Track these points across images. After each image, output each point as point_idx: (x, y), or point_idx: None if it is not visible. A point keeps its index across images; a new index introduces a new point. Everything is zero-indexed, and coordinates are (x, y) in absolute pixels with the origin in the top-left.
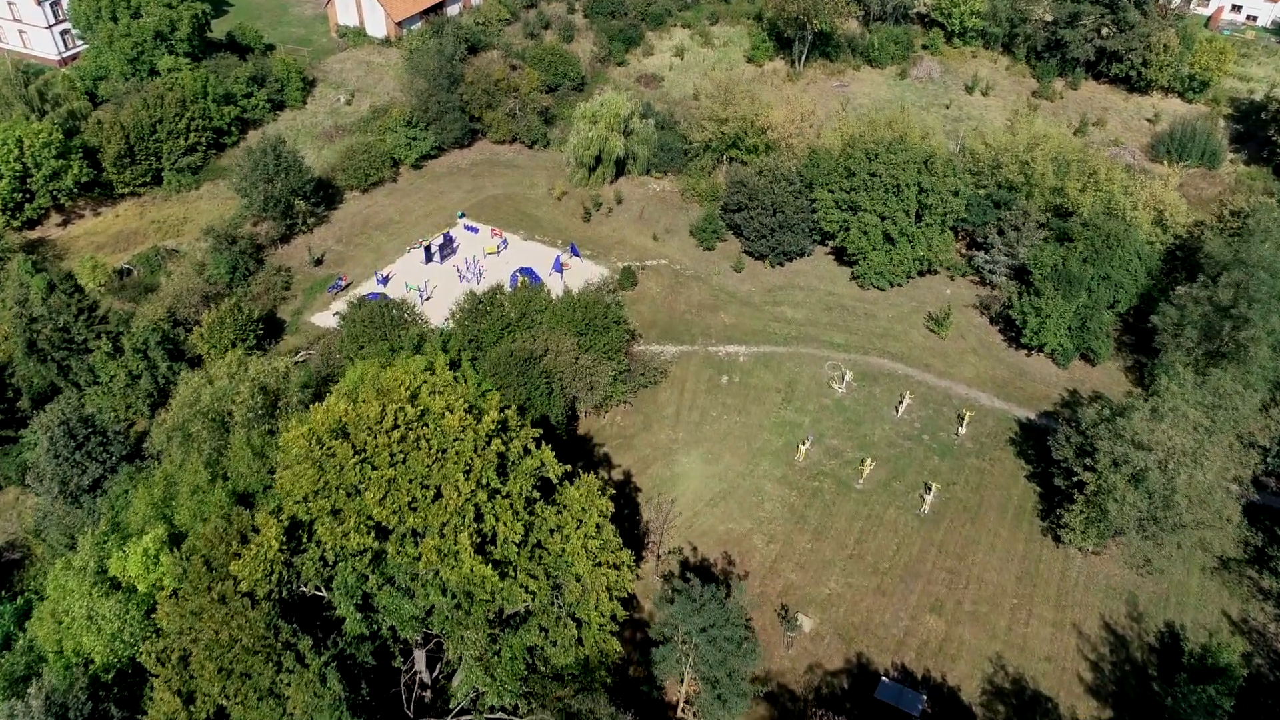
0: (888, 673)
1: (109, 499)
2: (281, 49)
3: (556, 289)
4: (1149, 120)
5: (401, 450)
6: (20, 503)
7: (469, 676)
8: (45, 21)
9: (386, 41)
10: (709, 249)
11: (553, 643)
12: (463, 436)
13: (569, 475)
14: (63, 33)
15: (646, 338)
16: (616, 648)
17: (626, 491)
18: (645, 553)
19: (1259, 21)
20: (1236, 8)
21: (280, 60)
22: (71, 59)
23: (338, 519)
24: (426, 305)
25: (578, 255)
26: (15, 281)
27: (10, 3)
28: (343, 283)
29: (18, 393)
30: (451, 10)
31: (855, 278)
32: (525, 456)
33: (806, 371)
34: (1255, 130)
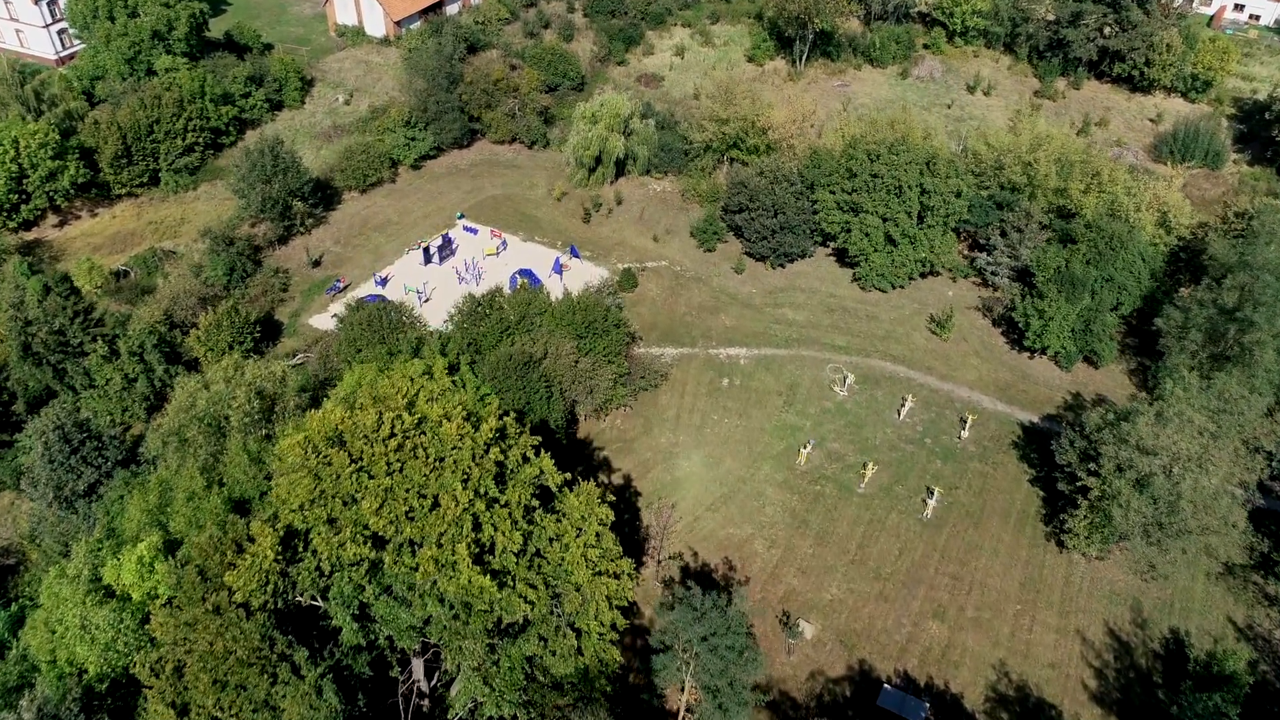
0: (890, 680)
1: (104, 504)
2: (280, 48)
3: (556, 291)
4: (1151, 120)
5: (399, 459)
6: (15, 508)
7: (467, 686)
8: (42, 21)
9: (385, 41)
10: (709, 250)
11: (552, 652)
12: (461, 445)
13: (568, 483)
14: (60, 32)
15: (647, 340)
16: (616, 657)
17: (626, 496)
18: (646, 558)
19: (1262, 20)
20: (1239, 7)
21: (278, 60)
22: (69, 58)
23: (334, 528)
24: (425, 307)
25: (577, 257)
26: (11, 284)
27: (7, 2)
28: (341, 284)
29: (13, 396)
30: (451, 9)
31: (857, 279)
32: (524, 464)
33: (808, 374)
34: (1258, 130)
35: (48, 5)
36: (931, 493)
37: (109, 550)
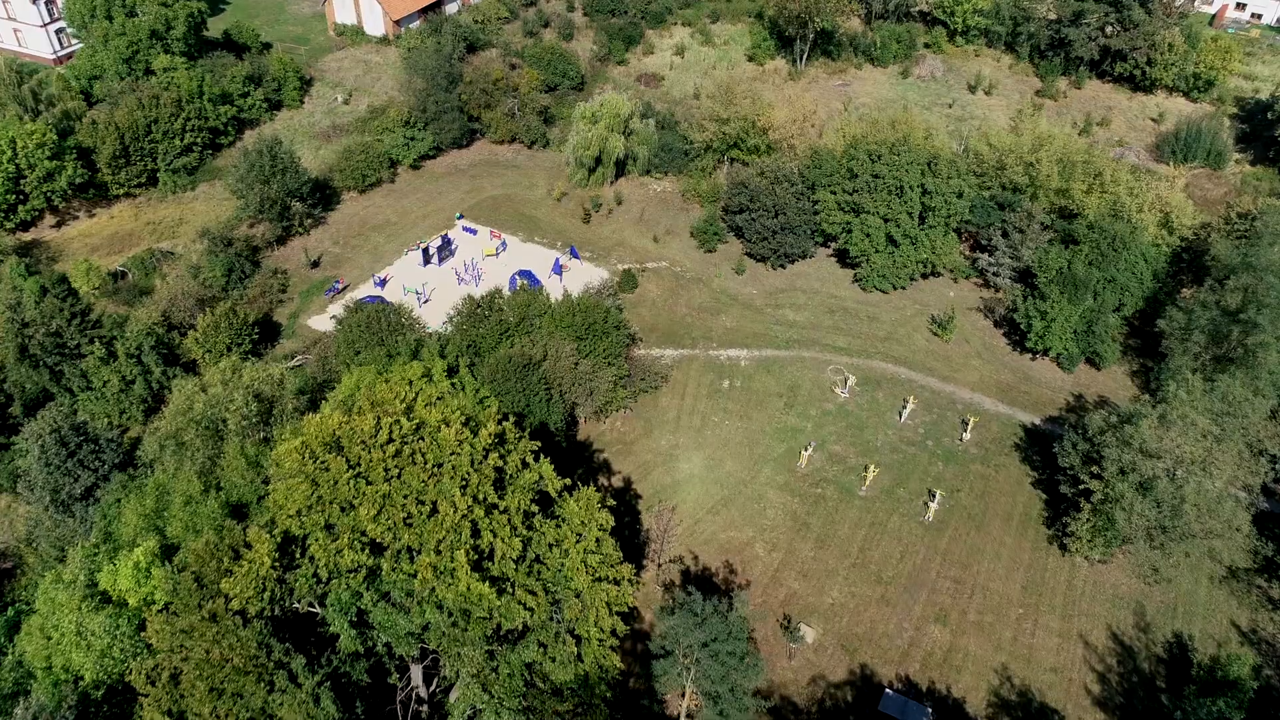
0: (892, 685)
1: (101, 508)
2: (279, 47)
3: (555, 292)
4: (1153, 120)
5: (397, 465)
6: (12, 511)
7: (466, 694)
8: (40, 20)
9: (384, 40)
10: (710, 251)
11: (552, 659)
12: (459, 450)
13: (568, 488)
14: (58, 31)
15: (647, 341)
16: (616, 663)
17: (627, 499)
18: (646, 561)
19: (1264, 20)
20: (1241, 5)
21: (277, 59)
22: (67, 58)
23: (331, 535)
24: (424, 308)
25: (577, 257)
26: (8, 285)
27: (5, 1)
28: (340, 285)
29: (9, 398)
30: (450, 8)
31: (858, 280)
32: (523, 470)
33: (808, 376)
34: (1261, 130)
35: (45, 4)
36: (933, 495)
37: (105, 555)
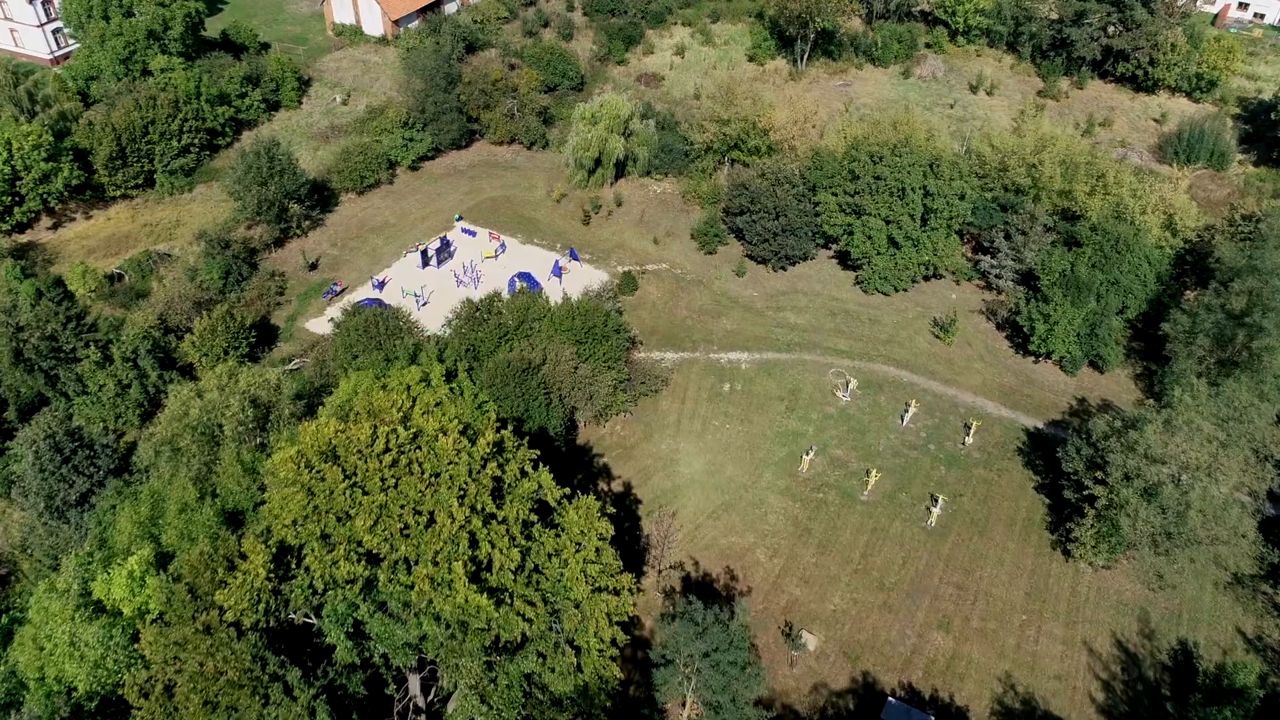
0: (894, 692)
1: (96, 514)
2: (277, 48)
3: (555, 294)
4: (1156, 120)
5: (393, 475)
6: (6, 516)
7: (464, 705)
8: (37, 20)
9: (383, 40)
10: (710, 253)
11: (551, 669)
12: (457, 460)
13: (567, 496)
14: (55, 31)
15: (647, 344)
16: (616, 673)
17: (626, 504)
18: (646, 567)
19: (1267, 19)
20: (1243, 5)
21: (275, 59)
22: (64, 58)
23: (327, 545)
24: (423, 311)
25: (577, 260)
26: (3, 288)
27: (1, 1)
28: (338, 288)
29: (4, 403)
30: (449, 8)
31: (859, 282)
32: (522, 479)
33: (810, 379)
34: (1264, 131)
35: (42, 4)
36: (936, 500)
37: (99, 564)
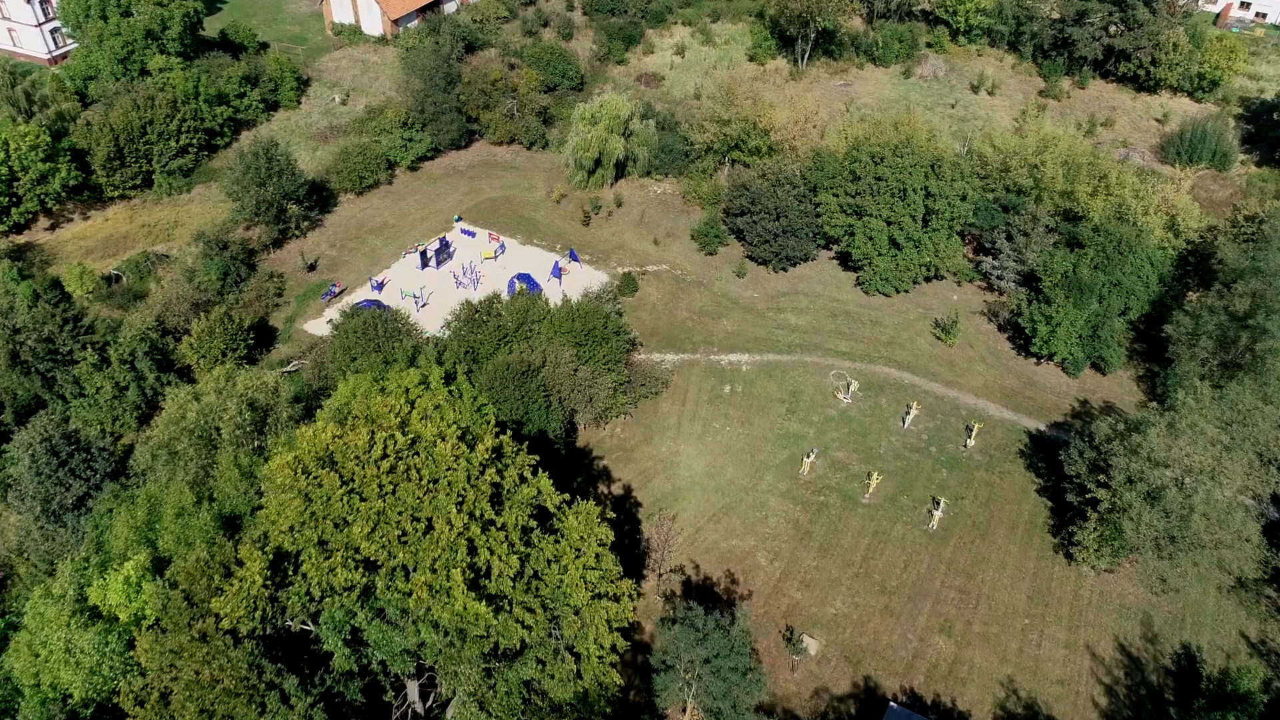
0: (896, 697)
1: (93, 518)
2: (276, 47)
3: (555, 296)
4: (1158, 120)
5: (391, 481)
6: (3, 520)
7: (463, 712)
8: (34, 20)
9: (382, 39)
10: (711, 254)
11: (550, 676)
12: (455, 466)
13: (567, 501)
14: (53, 31)
15: (647, 346)
16: (617, 680)
17: (626, 507)
18: (646, 571)
19: (1269, 18)
20: (1245, 4)
21: (274, 59)
22: (62, 58)
23: (324, 551)
24: (422, 312)
25: (576, 261)
26: (0, 290)
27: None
28: (336, 289)
29: (0, 406)
30: (449, 7)
31: (860, 284)
32: (521, 485)
33: (811, 381)
34: (1266, 131)
35: (40, 4)
36: (937, 503)
37: (95, 569)
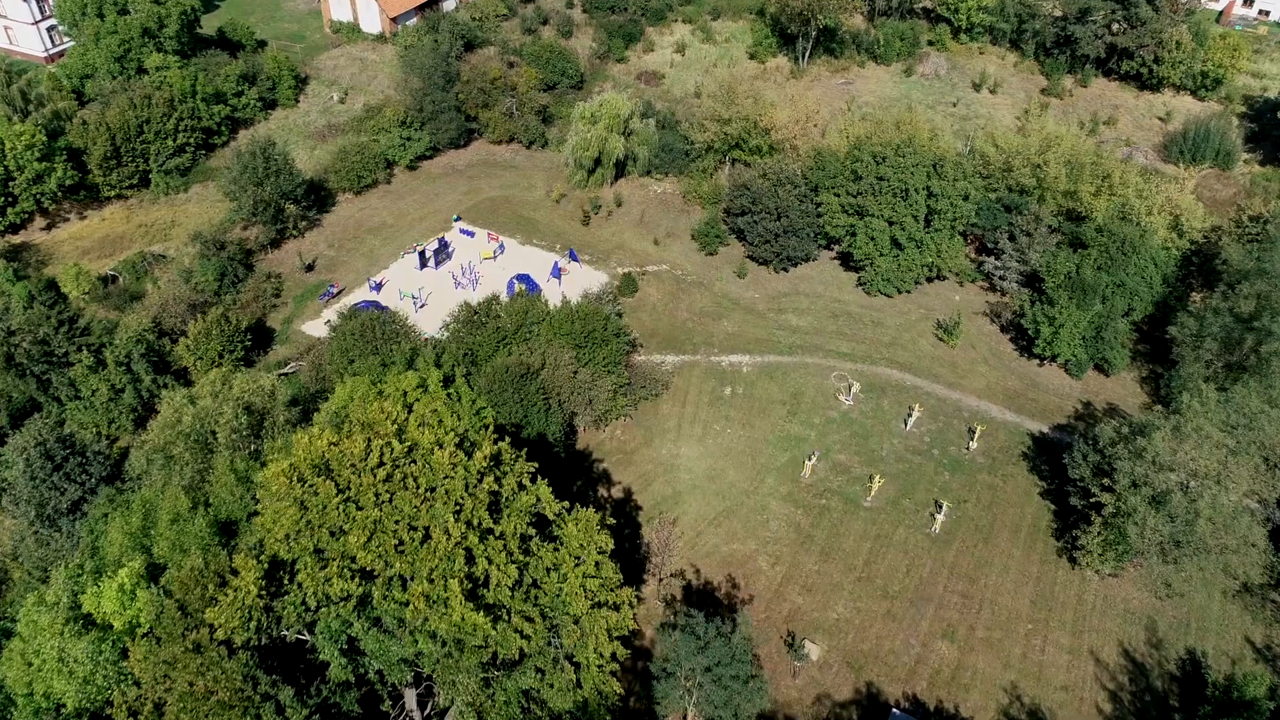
0: (898, 703)
1: (88, 523)
2: (273, 45)
3: (554, 296)
4: (1160, 119)
5: (388, 490)
6: None
7: None
8: (31, 17)
9: (381, 37)
10: (711, 254)
11: (550, 685)
12: (453, 474)
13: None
14: (49, 29)
15: (647, 347)
16: (617, 689)
17: (627, 510)
18: (646, 575)
19: (1272, 16)
20: (1248, 2)
21: (272, 57)
22: (59, 56)
23: (320, 560)
24: (421, 313)
25: (576, 261)
26: None
27: None
28: (334, 290)
29: None
30: (448, 5)
31: (862, 284)
32: (520, 492)
33: (812, 382)
34: (1269, 129)
35: (37, 2)
36: (940, 506)
37: (89, 576)
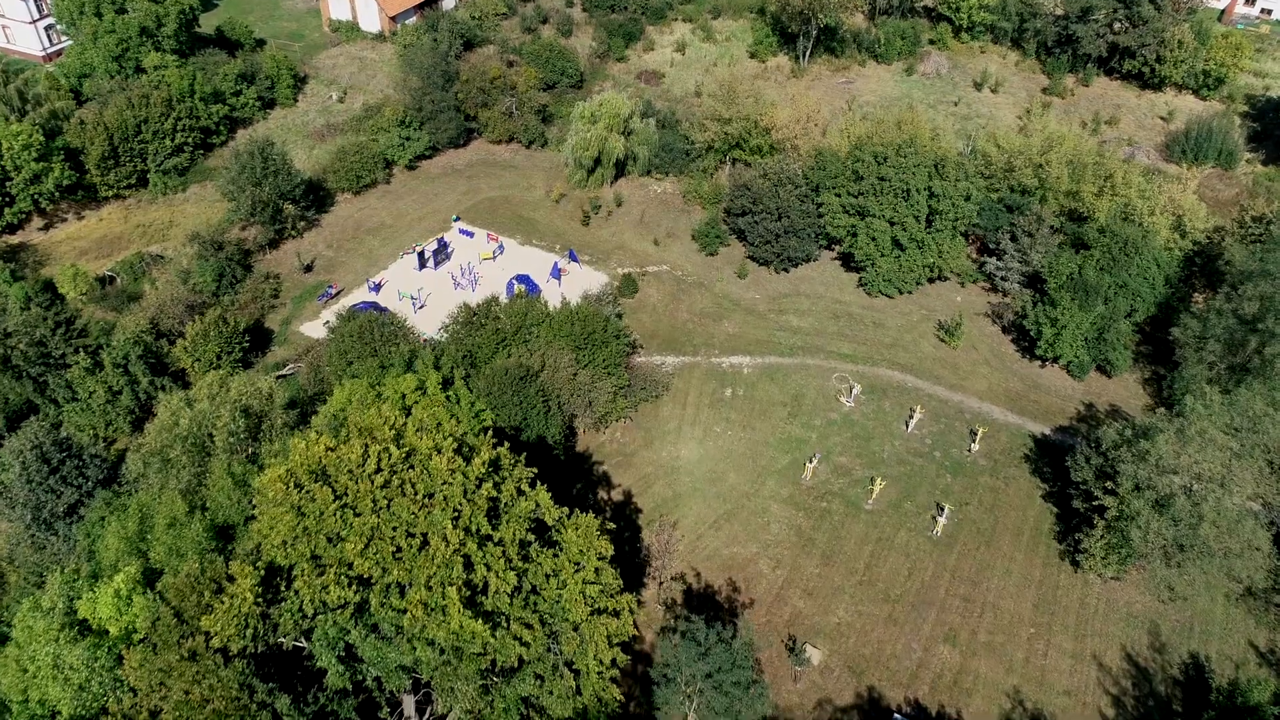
0: (900, 708)
1: (85, 526)
2: (272, 44)
3: (554, 297)
4: (1162, 119)
5: (385, 496)
6: None
7: None
8: (29, 16)
9: (380, 36)
10: (712, 254)
11: (549, 692)
12: (451, 480)
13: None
14: (47, 28)
15: (648, 348)
16: (617, 695)
17: (627, 513)
18: (647, 579)
19: (1274, 15)
20: (1250, 0)
21: (271, 56)
22: (57, 55)
23: (317, 566)
24: (420, 314)
25: (576, 261)
26: None
27: None
28: (333, 290)
29: None
30: (447, 4)
31: (863, 285)
32: (519, 498)
33: (813, 384)
34: (1272, 129)
35: (34, 1)
36: (941, 509)
37: (85, 581)
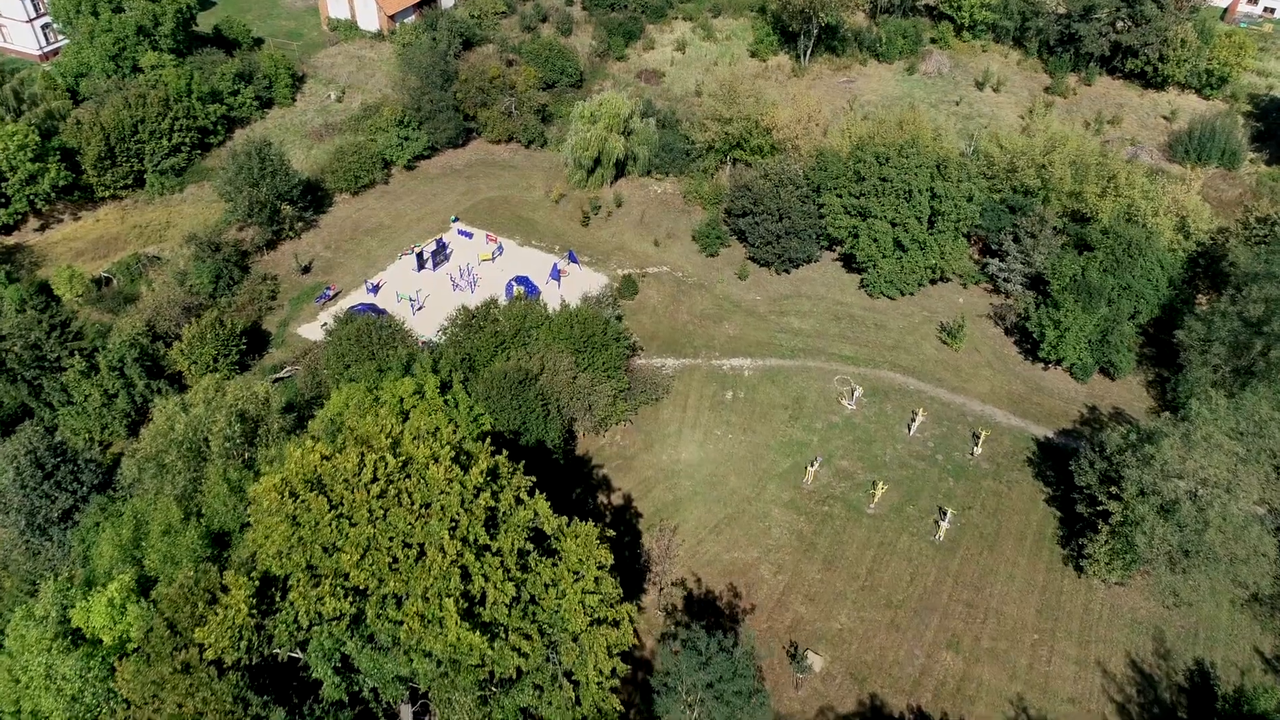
0: (903, 716)
1: (79, 532)
2: (270, 43)
3: (553, 299)
4: (1165, 118)
5: (382, 505)
6: None
7: None
8: (25, 15)
9: (379, 35)
10: (712, 255)
11: (548, 703)
12: (448, 490)
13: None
14: (44, 27)
15: (648, 350)
16: (616, 706)
17: (626, 518)
18: (647, 585)
19: (1277, 14)
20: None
21: (268, 55)
22: (54, 54)
23: (312, 577)
24: (419, 316)
25: (575, 262)
26: None
27: None
28: (331, 292)
29: None
30: (446, 3)
31: (864, 286)
32: (517, 507)
33: (814, 386)
34: (1275, 128)
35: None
36: (944, 513)
37: (79, 589)
